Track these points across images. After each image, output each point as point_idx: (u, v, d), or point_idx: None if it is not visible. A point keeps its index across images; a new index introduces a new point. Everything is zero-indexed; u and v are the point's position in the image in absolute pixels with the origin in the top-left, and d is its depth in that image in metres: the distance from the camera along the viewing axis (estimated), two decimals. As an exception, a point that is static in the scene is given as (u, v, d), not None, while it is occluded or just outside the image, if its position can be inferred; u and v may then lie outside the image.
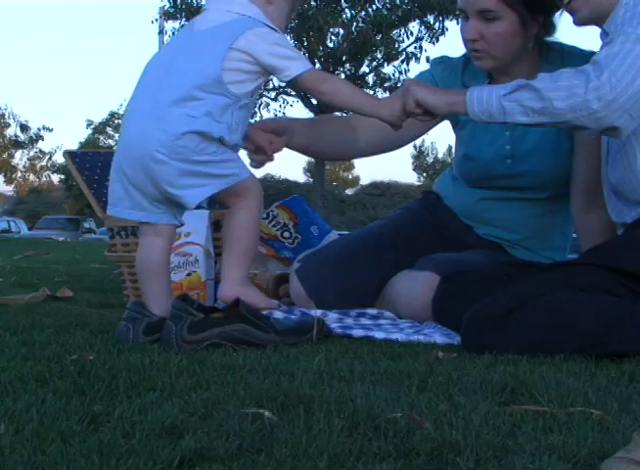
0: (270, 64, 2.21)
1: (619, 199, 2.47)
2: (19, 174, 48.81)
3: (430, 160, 58.46)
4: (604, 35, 2.43)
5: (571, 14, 2.48)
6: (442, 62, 3.00)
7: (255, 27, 2.21)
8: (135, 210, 2.24)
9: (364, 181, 60.11)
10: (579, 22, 2.46)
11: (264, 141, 2.65)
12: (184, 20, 24.29)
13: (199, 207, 2.28)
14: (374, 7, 24.23)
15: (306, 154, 3.05)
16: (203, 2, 23.72)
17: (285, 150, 2.79)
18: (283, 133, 2.74)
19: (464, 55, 2.92)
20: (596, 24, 2.46)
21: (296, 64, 2.23)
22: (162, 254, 2.27)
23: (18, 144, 46.09)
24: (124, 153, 2.22)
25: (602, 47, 2.37)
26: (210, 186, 2.18)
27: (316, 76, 2.29)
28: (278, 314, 2.66)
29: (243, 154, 2.53)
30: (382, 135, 2.99)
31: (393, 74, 25.80)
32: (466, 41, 2.74)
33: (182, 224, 2.33)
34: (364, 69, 26.22)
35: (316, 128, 2.99)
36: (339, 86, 2.34)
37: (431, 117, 2.44)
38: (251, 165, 2.65)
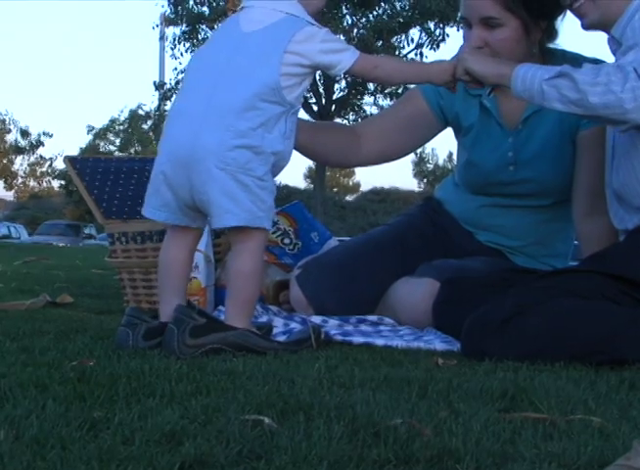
0: (323, 62, 2.22)
1: (621, 205, 2.47)
2: (19, 180, 48.84)
3: (430, 166, 58.45)
4: (612, 41, 2.44)
5: (580, 18, 2.48)
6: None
7: (305, 27, 2.21)
8: (160, 210, 2.24)
9: (365, 187, 60.09)
10: (588, 25, 2.47)
11: None
12: (185, 26, 24.31)
13: None
14: (375, 13, 24.25)
15: (306, 154, 2.97)
16: (204, 9, 23.84)
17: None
18: None
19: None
20: (603, 30, 2.47)
21: (345, 55, 2.24)
22: (189, 253, 2.29)
23: (18, 150, 46.11)
24: (169, 153, 2.20)
25: (619, 52, 2.38)
26: (239, 218, 2.14)
27: (367, 64, 2.29)
28: (277, 322, 2.66)
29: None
30: (384, 145, 3.01)
31: (394, 81, 25.76)
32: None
33: (204, 227, 2.32)
34: (365, 75, 26.17)
35: (320, 132, 2.98)
36: (389, 68, 2.36)
37: (480, 85, 2.49)
38: None
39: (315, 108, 25.11)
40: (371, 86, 26.34)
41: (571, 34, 3.09)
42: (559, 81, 2.24)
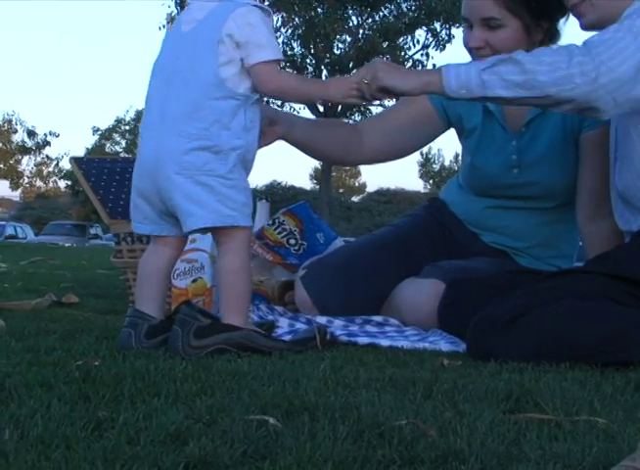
0: (240, 41, 2.13)
1: (627, 207, 2.47)
2: (25, 180, 48.93)
3: (436, 167, 58.45)
4: None
5: (578, 18, 2.48)
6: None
7: (237, 9, 2.14)
8: (144, 223, 2.25)
9: (370, 188, 60.12)
10: (586, 26, 2.47)
11: None
12: (191, 26, 24.31)
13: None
14: (381, 14, 24.26)
15: (306, 151, 2.95)
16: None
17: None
18: (278, 123, 2.68)
19: (470, 64, 2.92)
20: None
21: (258, 52, 2.13)
22: (169, 262, 2.28)
23: (25, 150, 46.16)
24: (139, 166, 2.23)
25: None
26: (205, 219, 2.14)
27: (269, 71, 2.15)
28: (283, 322, 2.66)
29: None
30: (386, 144, 3.00)
31: (400, 82, 25.81)
32: (470, 49, 2.74)
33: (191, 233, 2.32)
34: (371, 76, 26.20)
35: (320, 128, 2.97)
36: (287, 85, 2.22)
37: (396, 97, 2.41)
38: None
39: (321, 108, 25.12)
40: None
41: (571, 34, 3.08)
42: (500, 68, 2.22)
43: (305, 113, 24.50)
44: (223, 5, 2.17)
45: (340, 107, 25.28)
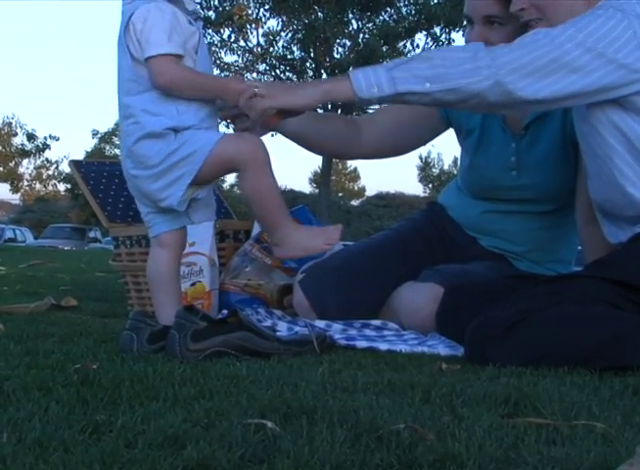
0: (139, 40, 2.12)
1: (612, 222, 2.46)
2: (25, 183, 48.89)
3: (435, 171, 58.47)
4: None
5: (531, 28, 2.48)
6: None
7: (140, 7, 2.12)
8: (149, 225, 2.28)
9: (370, 192, 60.08)
10: None
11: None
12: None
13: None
14: (381, 18, 24.26)
15: (302, 144, 2.93)
16: (210, 13, 23.89)
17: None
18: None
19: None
20: None
21: (147, 48, 2.11)
22: (168, 264, 2.25)
23: (24, 153, 46.13)
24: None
25: None
26: (185, 176, 2.14)
27: (161, 66, 2.10)
28: (281, 326, 2.66)
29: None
30: (384, 140, 3.00)
31: (400, 86, 25.85)
32: None
33: (192, 223, 2.30)
34: (370, 80, 26.21)
35: (317, 121, 2.96)
36: (178, 79, 2.12)
37: (288, 116, 2.32)
38: None
39: (321, 112, 25.09)
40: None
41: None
42: (408, 65, 2.25)
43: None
44: (130, 6, 2.16)
45: (339, 111, 25.28)
